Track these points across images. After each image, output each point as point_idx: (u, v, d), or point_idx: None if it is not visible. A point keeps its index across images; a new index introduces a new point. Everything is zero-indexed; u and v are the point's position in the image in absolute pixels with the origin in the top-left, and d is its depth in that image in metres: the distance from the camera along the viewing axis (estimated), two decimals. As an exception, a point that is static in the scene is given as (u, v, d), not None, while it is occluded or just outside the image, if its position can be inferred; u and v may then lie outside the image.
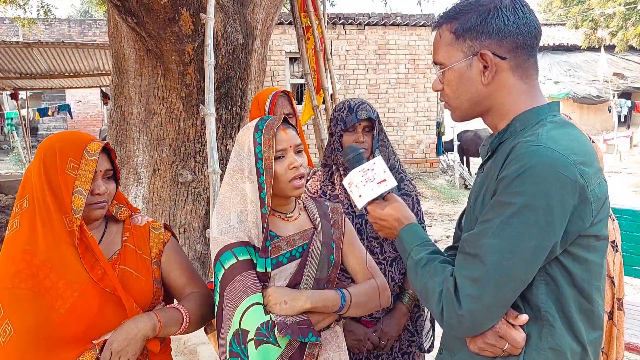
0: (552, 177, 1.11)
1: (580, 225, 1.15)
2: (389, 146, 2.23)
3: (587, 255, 1.19)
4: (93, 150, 1.53)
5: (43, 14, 11.37)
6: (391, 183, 1.46)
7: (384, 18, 12.79)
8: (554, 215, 1.11)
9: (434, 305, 1.23)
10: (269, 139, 1.57)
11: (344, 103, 2.21)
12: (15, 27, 17.85)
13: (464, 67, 1.26)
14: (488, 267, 1.15)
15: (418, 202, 2.25)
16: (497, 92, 1.27)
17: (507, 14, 1.22)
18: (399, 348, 2.17)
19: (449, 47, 1.28)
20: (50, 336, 1.42)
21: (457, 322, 1.19)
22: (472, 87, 1.27)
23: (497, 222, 1.14)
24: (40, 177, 1.49)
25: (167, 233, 1.73)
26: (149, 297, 1.61)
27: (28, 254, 1.46)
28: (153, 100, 4.15)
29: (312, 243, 1.64)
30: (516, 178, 1.13)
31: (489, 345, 1.21)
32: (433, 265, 1.28)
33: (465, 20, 1.25)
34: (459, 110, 1.33)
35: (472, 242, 1.20)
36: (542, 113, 1.25)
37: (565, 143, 1.16)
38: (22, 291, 1.43)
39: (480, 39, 1.23)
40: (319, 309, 1.56)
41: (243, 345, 1.45)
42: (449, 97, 1.33)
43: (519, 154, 1.15)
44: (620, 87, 16.33)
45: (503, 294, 1.16)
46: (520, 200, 1.12)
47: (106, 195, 1.57)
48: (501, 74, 1.25)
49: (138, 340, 1.49)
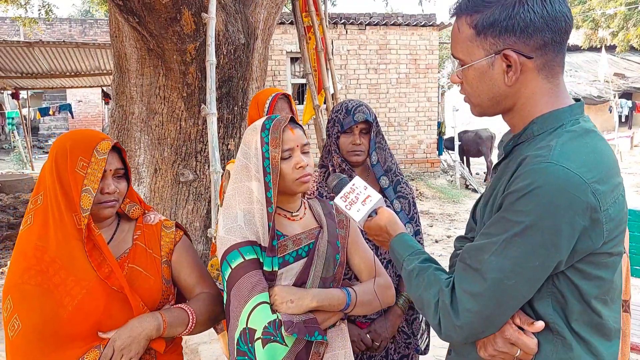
0: (562, 198, 1.05)
1: (589, 245, 1.09)
2: (386, 148, 2.23)
3: (597, 272, 1.14)
4: (103, 149, 1.53)
5: (44, 14, 11.37)
6: (375, 197, 1.49)
7: (385, 18, 12.79)
8: (561, 237, 1.06)
9: (431, 316, 1.22)
10: (275, 138, 1.58)
11: (341, 104, 2.21)
12: (16, 26, 17.86)
13: (485, 66, 1.17)
14: (489, 284, 1.11)
15: (414, 205, 2.26)
16: (521, 91, 1.18)
17: (533, 8, 1.11)
18: (395, 350, 2.17)
19: (468, 44, 1.18)
20: (57, 332, 1.43)
21: (455, 333, 1.17)
22: (493, 87, 1.19)
23: (500, 240, 1.10)
24: (52, 175, 1.51)
25: (179, 232, 1.74)
26: (157, 296, 1.61)
27: (39, 250, 1.47)
28: (154, 99, 4.15)
29: (318, 242, 1.64)
30: (523, 196, 1.07)
31: (501, 353, 1.18)
32: (426, 276, 1.26)
33: (488, 14, 1.14)
34: (480, 107, 1.26)
35: (474, 256, 1.16)
36: (564, 117, 1.16)
37: (580, 159, 1.08)
38: (31, 287, 1.44)
39: (503, 36, 1.13)
40: (325, 307, 1.56)
41: (250, 344, 1.46)
42: (469, 94, 1.25)
43: (528, 170, 1.08)
44: (621, 88, 16.33)
45: (503, 310, 1.14)
46: (526, 219, 1.06)
47: (116, 194, 1.57)
48: (526, 73, 1.16)
49: (142, 340, 1.49)
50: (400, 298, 2.14)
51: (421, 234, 2.25)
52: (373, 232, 1.48)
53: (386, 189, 2.20)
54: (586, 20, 18.32)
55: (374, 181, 2.22)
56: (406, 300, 2.14)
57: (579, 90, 15.50)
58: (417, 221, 2.24)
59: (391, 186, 2.21)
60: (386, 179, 2.20)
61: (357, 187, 1.51)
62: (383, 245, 1.50)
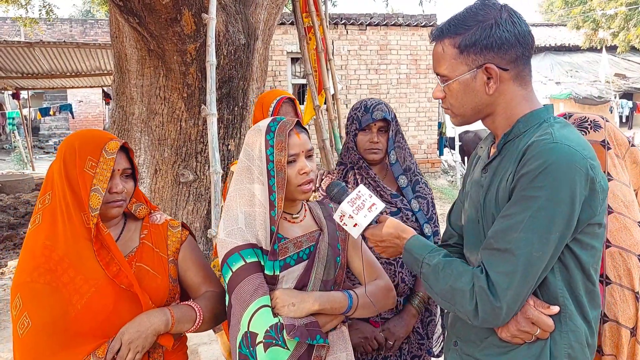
0: (571, 171, 1.20)
1: (590, 214, 1.24)
2: (405, 148, 2.22)
3: (592, 242, 1.29)
4: (111, 149, 1.55)
5: (45, 14, 11.37)
6: (380, 205, 1.51)
7: (386, 18, 12.78)
8: (574, 207, 1.21)
9: (466, 303, 1.28)
10: (281, 142, 1.57)
11: (361, 102, 2.20)
12: (17, 27, 17.87)
13: (468, 79, 1.34)
14: (520, 260, 1.22)
15: (433, 205, 2.24)
16: (500, 99, 1.35)
17: (507, 28, 1.30)
18: (408, 351, 2.16)
19: (452, 61, 1.34)
20: (67, 330, 1.45)
21: (494, 315, 1.25)
22: (476, 97, 1.36)
23: (526, 216, 1.21)
24: (60, 174, 1.52)
25: (184, 232, 1.75)
26: (164, 295, 1.62)
27: (47, 249, 1.49)
28: (155, 100, 4.15)
29: (319, 244, 1.64)
30: (540, 173, 1.20)
31: (522, 332, 1.28)
32: (454, 267, 1.33)
33: (469, 35, 1.31)
34: (462, 117, 1.41)
35: (501, 238, 1.25)
36: (543, 115, 1.35)
37: (575, 139, 1.26)
38: (40, 285, 1.46)
39: (484, 52, 1.30)
40: (327, 310, 1.56)
41: (252, 347, 1.46)
42: (453, 106, 1.40)
43: (539, 151, 1.23)
44: (621, 88, 16.29)
45: (530, 283, 1.24)
46: (544, 193, 1.20)
47: (124, 194, 1.59)
48: (503, 83, 1.33)
49: (149, 335, 1.50)
50: (415, 298, 2.13)
51: (439, 235, 2.22)
52: (378, 238, 1.50)
53: (404, 188, 2.19)
54: (587, 21, 18.29)
55: (392, 180, 2.21)
56: (422, 301, 2.13)
57: (579, 90, 15.46)
58: (436, 222, 2.22)
59: (410, 185, 2.20)
60: (405, 178, 2.19)
61: (363, 195, 1.53)
62: (387, 250, 1.52)
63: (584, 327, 1.31)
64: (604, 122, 1.61)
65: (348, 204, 1.51)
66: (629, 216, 1.52)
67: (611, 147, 1.58)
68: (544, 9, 29.17)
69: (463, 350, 1.44)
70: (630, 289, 1.48)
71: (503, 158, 1.35)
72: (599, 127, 1.60)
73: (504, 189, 1.29)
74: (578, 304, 1.30)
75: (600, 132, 1.59)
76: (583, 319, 1.31)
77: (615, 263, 1.49)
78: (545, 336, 1.29)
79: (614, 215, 1.51)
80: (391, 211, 2.12)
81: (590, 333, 1.32)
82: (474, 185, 1.45)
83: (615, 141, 1.59)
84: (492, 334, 1.36)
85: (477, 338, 1.39)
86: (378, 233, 1.49)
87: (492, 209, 1.34)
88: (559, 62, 17.59)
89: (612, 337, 1.48)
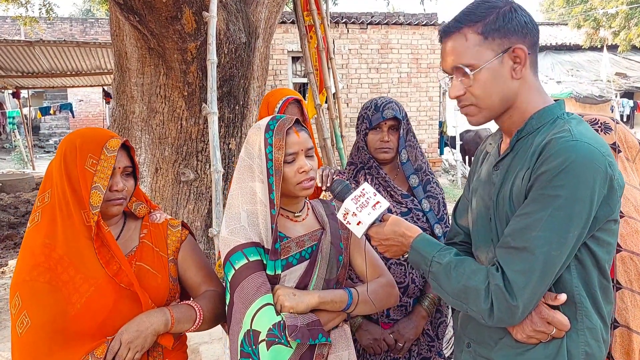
0: (590, 170, 1.18)
1: (608, 212, 1.24)
2: (416, 147, 2.19)
3: (607, 238, 1.28)
4: (112, 147, 1.54)
5: (45, 13, 11.35)
6: (385, 204, 1.49)
7: (387, 17, 12.77)
8: (593, 205, 1.20)
9: (482, 302, 1.25)
10: (279, 140, 1.56)
11: (371, 101, 2.18)
12: (17, 26, 17.85)
13: (496, 65, 1.30)
14: (538, 259, 1.20)
15: (444, 205, 2.22)
16: (522, 87, 1.33)
17: (522, 14, 1.31)
18: (418, 353, 2.14)
19: (478, 48, 1.30)
20: (66, 329, 1.44)
21: (510, 314, 1.24)
22: (505, 85, 1.32)
23: (545, 215, 1.20)
24: (60, 172, 1.51)
25: (184, 231, 1.75)
26: (164, 294, 1.62)
27: (47, 248, 1.47)
28: (155, 99, 4.13)
29: (321, 243, 1.63)
30: (561, 172, 1.18)
31: (538, 332, 1.27)
32: (467, 265, 1.31)
33: (489, 21, 1.29)
34: (489, 110, 1.35)
35: (519, 236, 1.23)
36: (556, 111, 1.33)
37: (593, 137, 1.25)
38: (40, 284, 1.44)
39: (508, 36, 1.29)
40: (327, 304, 1.55)
41: (254, 346, 1.45)
42: (480, 98, 1.33)
43: (558, 149, 1.21)
44: (622, 87, 16.28)
45: (547, 281, 1.23)
46: (565, 192, 1.18)
47: (124, 192, 1.58)
48: (526, 69, 1.31)
49: (149, 335, 1.49)
50: (425, 300, 2.11)
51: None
52: (382, 236, 1.48)
53: (415, 188, 2.16)
54: (587, 20, 18.26)
55: (403, 179, 2.19)
56: (432, 302, 2.11)
57: (580, 89, 15.44)
58: (447, 222, 2.19)
59: (421, 185, 2.18)
60: (416, 177, 2.17)
61: (367, 192, 1.51)
62: (391, 249, 1.50)
63: (600, 323, 1.29)
64: (615, 124, 1.58)
65: (352, 202, 1.49)
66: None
67: (621, 150, 1.56)
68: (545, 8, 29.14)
69: (477, 352, 1.42)
70: None
71: (516, 155, 1.33)
72: (610, 129, 1.57)
73: (519, 187, 1.28)
74: (593, 300, 1.29)
75: (610, 135, 1.56)
76: (598, 314, 1.29)
77: (626, 267, 1.46)
78: (561, 335, 1.27)
79: (624, 219, 1.48)
80: (401, 212, 2.10)
81: (604, 328, 1.31)
82: (484, 183, 1.43)
83: (625, 144, 1.57)
84: (506, 334, 1.34)
85: (491, 339, 1.38)
86: (382, 231, 1.47)
87: (505, 207, 1.32)
88: (560, 61, 17.56)
89: (622, 343, 1.45)
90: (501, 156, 1.39)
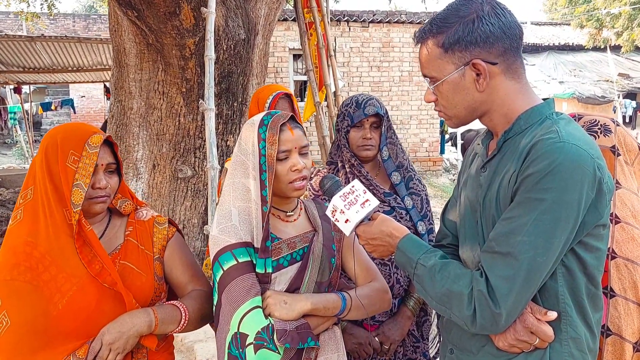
0: (578, 173, 1.14)
1: (596, 216, 1.19)
2: (397, 143, 2.17)
3: (596, 244, 1.24)
4: (95, 143, 1.51)
5: (46, 8, 11.33)
6: (374, 202, 1.45)
7: (388, 15, 12.73)
8: (580, 209, 1.16)
9: (464, 308, 1.22)
10: (272, 135, 1.52)
11: (351, 98, 2.16)
12: (19, 21, 17.84)
13: (457, 78, 1.28)
14: (522, 265, 1.17)
15: (427, 202, 2.19)
16: (494, 95, 1.29)
17: (490, 21, 1.25)
18: (403, 354, 2.11)
19: (438, 61, 1.30)
20: (47, 329, 1.41)
21: (493, 321, 1.20)
22: (467, 96, 1.30)
23: (530, 219, 1.16)
24: (42, 169, 1.48)
25: (171, 229, 1.71)
26: (149, 294, 1.58)
27: (29, 246, 1.45)
28: (153, 95, 4.12)
29: (313, 245, 1.59)
30: (547, 175, 1.15)
31: (520, 342, 1.23)
32: (451, 269, 1.27)
33: (451, 32, 1.26)
34: (456, 118, 1.36)
35: (503, 240, 1.20)
36: (544, 111, 1.29)
37: (582, 138, 1.20)
38: (20, 283, 1.41)
39: (469, 49, 1.26)
40: (320, 311, 1.51)
41: (242, 349, 1.42)
42: (445, 108, 1.35)
43: (545, 151, 1.17)
44: (625, 88, 16.22)
45: (532, 288, 1.19)
46: (551, 196, 1.14)
47: (107, 190, 1.55)
48: (494, 78, 1.27)
49: (131, 336, 1.46)
50: (410, 300, 2.08)
51: (434, 233, 2.15)
52: (369, 235, 1.45)
53: (398, 185, 2.14)
54: (590, 20, 18.20)
55: (384, 177, 2.17)
56: (417, 303, 2.08)
57: (582, 90, 15.40)
58: (431, 219, 2.17)
59: (403, 182, 2.16)
60: (398, 174, 2.15)
61: (357, 190, 1.47)
62: (378, 249, 1.46)
63: (586, 332, 1.25)
64: (615, 126, 1.55)
65: (340, 199, 1.46)
66: (636, 227, 1.46)
67: (621, 153, 1.52)
68: (548, 8, 29.05)
69: (460, 359, 1.39)
70: (635, 302, 1.42)
71: (503, 156, 1.30)
72: (610, 131, 1.53)
73: (505, 189, 1.24)
74: (580, 308, 1.24)
75: (610, 138, 1.52)
76: (584, 323, 1.25)
77: (621, 275, 1.43)
78: (544, 346, 1.24)
79: (620, 225, 1.45)
80: (384, 210, 2.07)
81: (591, 338, 1.27)
82: (471, 183, 1.40)
83: (625, 147, 1.53)
84: (488, 342, 1.30)
85: (473, 346, 1.34)
86: (369, 230, 1.44)
87: (492, 210, 1.28)
88: (563, 61, 17.52)
89: (614, 351, 1.42)
90: (488, 157, 1.36)
